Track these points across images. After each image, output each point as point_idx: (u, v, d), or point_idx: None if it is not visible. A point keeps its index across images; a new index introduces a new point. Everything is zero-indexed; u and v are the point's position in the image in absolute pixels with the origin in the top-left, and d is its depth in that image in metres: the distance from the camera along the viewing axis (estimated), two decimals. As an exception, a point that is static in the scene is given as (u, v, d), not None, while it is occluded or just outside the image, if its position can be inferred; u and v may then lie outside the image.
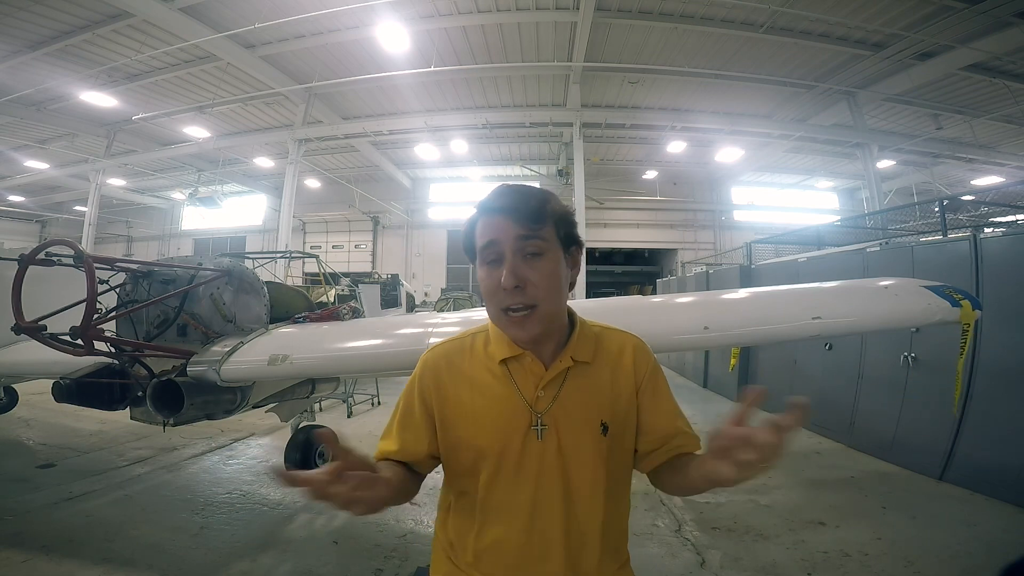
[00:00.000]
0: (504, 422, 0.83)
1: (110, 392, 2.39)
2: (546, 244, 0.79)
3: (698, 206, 16.84)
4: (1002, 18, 7.03)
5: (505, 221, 0.78)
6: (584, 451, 0.82)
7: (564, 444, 0.82)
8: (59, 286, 2.34)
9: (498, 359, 0.85)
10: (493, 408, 0.84)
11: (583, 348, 0.86)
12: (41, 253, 2.09)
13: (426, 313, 6.56)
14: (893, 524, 2.82)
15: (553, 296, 0.79)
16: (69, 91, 9.95)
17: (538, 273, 0.77)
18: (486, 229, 0.79)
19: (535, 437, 0.82)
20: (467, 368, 0.88)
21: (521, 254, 0.77)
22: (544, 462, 0.81)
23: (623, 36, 8.56)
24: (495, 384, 0.85)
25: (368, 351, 2.16)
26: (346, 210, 16.67)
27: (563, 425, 0.82)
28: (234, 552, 2.49)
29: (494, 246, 0.78)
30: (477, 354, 0.89)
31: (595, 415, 0.83)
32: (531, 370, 0.84)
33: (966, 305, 1.74)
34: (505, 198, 0.79)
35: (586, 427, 0.83)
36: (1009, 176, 12.30)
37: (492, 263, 0.79)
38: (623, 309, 2.26)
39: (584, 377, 0.85)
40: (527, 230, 0.77)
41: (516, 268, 0.76)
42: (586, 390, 0.84)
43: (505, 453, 0.82)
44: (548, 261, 0.79)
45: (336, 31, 8.61)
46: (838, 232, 7.22)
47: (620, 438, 0.86)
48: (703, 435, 0.78)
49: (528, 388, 0.83)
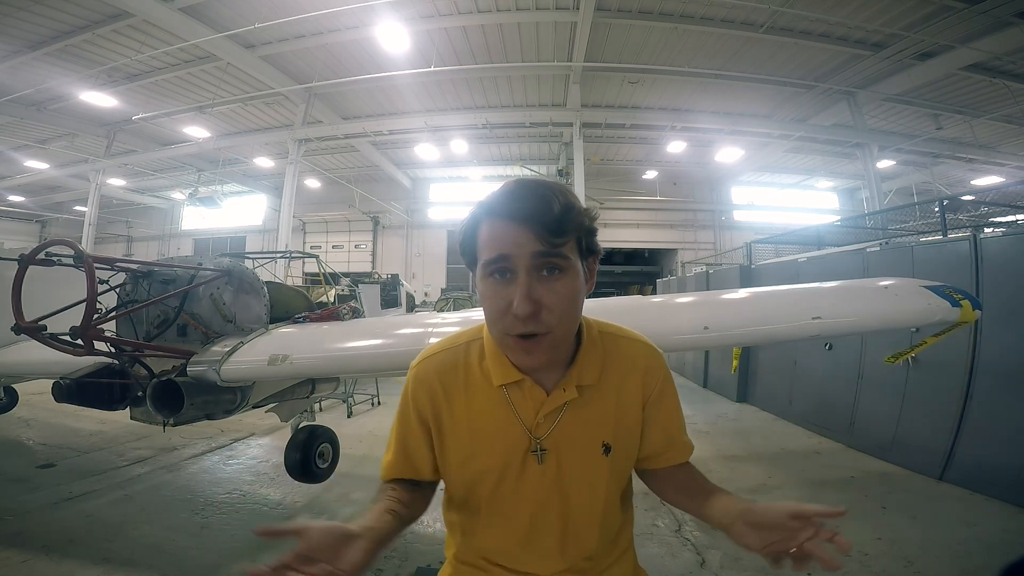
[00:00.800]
0: (502, 446, 0.78)
1: (110, 392, 2.39)
2: (567, 261, 0.66)
3: (698, 206, 16.84)
4: (1002, 18, 7.03)
5: (521, 233, 0.64)
6: (585, 473, 0.80)
7: (564, 468, 0.79)
8: (59, 286, 2.34)
9: (496, 384, 0.78)
10: (490, 431, 0.79)
11: (588, 370, 0.79)
12: (41, 253, 2.08)
13: (426, 313, 6.56)
14: (893, 524, 2.82)
15: (569, 321, 0.70)
16: (69, 91, 9.95)
17: (555, 296, 0.66)
18: (495, 238, 0.66)
19: (535, 462, 0.78)
20: (461, 387, 0.81)
21: (537, 272, 0.65)
22: (543, 485, 0.79)
23: (623, 36, 8.56)
24: (492, 407, 0.79)
25: (368, 351, 2.16)
26: (346, 210, 16.67)
27: (564, 449, 0.78)
28: (234, 552, 2.49)
29: (504, 261, 0.66)
30: (472, 372, 0.81)
31: (597, 437, 0.80)
32: (531, 395, 0.78)
33: (966, 305, 1.74)
34: (522, 202, 0.65)
35: (588, 450, 0.80)
36: (1009, 176, 12.30)
37: (498, 277, 0.67)
38: (623, 309, 2.26)
39: (587, 400, 0.79)
40: (548, 245, 0.64)
41: (532, 291, 0.65)
42: (589, 414, 0.79)
43: (504, 475, 0.79)
44: (568, 280, 0.67)
45: (336, 31, 8.61)
46: (838, 232, 7.22)
47: (622, 453, 0.83)
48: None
49: (527, 414, 0.78)
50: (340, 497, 3.20)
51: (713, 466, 3.88)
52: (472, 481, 0.81)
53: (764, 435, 4.74)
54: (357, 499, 3.18)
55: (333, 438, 3.01)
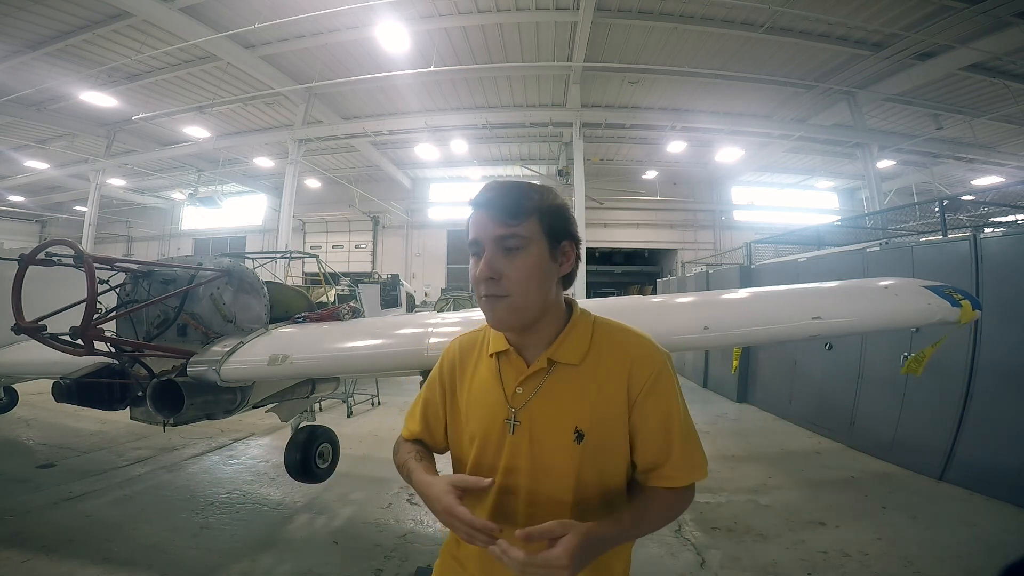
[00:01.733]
0: (487, 412, 0.87)
1: (110, 392, 2.38)
2: (525, 239, 0.80)
3: (698, 206, 16.83)
4: (1002, 18, 7.02)
5: (485, 217, 0.81)
6: (554, 456, 0.81)
7: (534, 443, 0.82)
8: (59, 286, 2.34)
9: (491, 352, 0.90)
10: (482, 398, 0.89)
11: (570, 349, 0.84)
12: (41, 253, 2.08)
13: (426, 313, 6.55)
14: (893, 524, 2.82)
15: (528, 289, 0.80)
16: (69, 91, 9.94)
17: (513, 268, 0.79)
18: (473, 225, 0.83)
19: (508, 431, 0.84)
20: (473, 359, 0.94)
21: (500, 248, 0.80)
22: (514, 457, 0.83)
23: (623, 36, 8.56)
24: (487, 375, 0.90)
25: (368, 351, 2.16)
26: (346, 210, 16.67)
27: (536, 424, 0.83)
28: (234, 552, 2.49)
29: (476, 243, 0.82)
30: (483, 348, 0.94)
31: (569, 420, 0.81)
32: (515, 365, 0.87)
33: (966, 305, 1.73)
34: (487, 194, 0.82)
35: (558, 430, 0.81)
36: (1009, 176, 12.30)
37: (476, 255, 0.82)
38: (623, 309, 2.25)
39: (566, 379, 0.83)
40: (504, 227, 0.79)
41: (492, 260, 0.79)
42: (565, 393, 0.83)
43: (486, 442, 0.86)
44: (526, 256, 0.80)
45: (336, 31, 8.60)
46: (838, 232, 7.22)
47: (599, 449, 0.80)
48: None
49: (509, 383, 0.86)
50: (340, 497, 3.20)
51: (713, 466, 3.84)
52: (462, 448, 0.91)
53: (764, 435, 4.74)
54: (357, 499, 3.18)
55: (333, 438, 3.01)
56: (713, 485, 3.47)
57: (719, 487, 3.44)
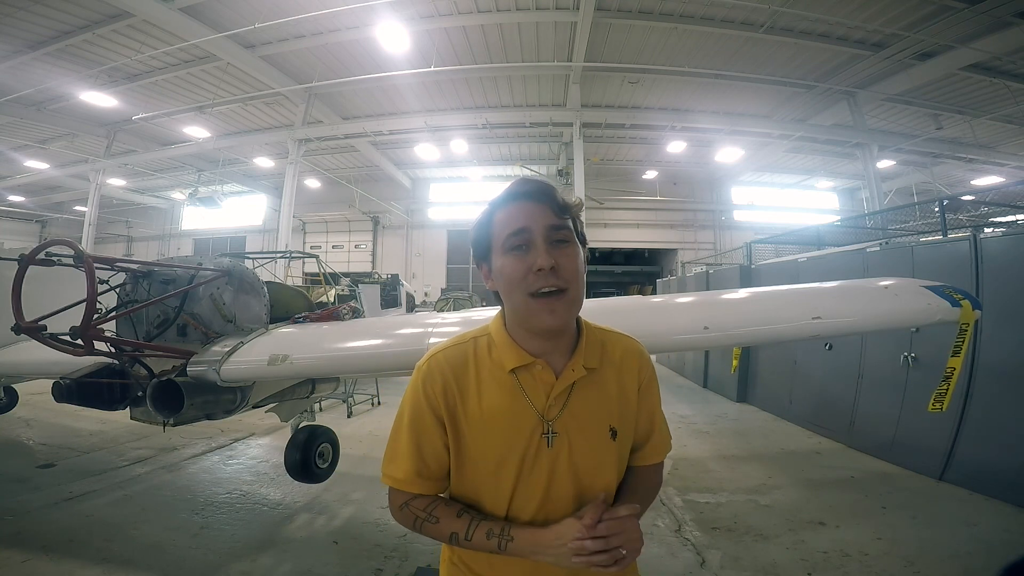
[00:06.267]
0: (514, 431, 0.80)
1: (110, 392, 2.38)
2: (572, 234, 0.80)
3: (698, 206, 16.84)
4: (1002, 18, 7.03)
5: (536, 207, 0.77)
6: (595, 456, 0.82)
7: (575, 451, 0.81)
8: (59, 286, 2.34)
9: (507, 368, 0.81)
10: (502, 418, 0.80)
11: (591, 354, 0.85)
12: (41, 253, 2.08)
13: (426, 313, 6.55)
14: (893, 524, 2.82)
15: (580, 284, 0.79)
16: (69, 91, 9.95)
17: (568, 259, 0.77)
18: (514, 216, 0.78)
19: (545, 445, 0.80)
20: (473, 377, 0.83)
21: (551, 241, 0.77)
22: (555, 469, 0.80)
23: (623, 36, 8.57)
24: (503, 394, 0.81)
25: (368, 351, 2.16)
26: (346, 210, 16.68)
27: (574, 432, 0.81)
28: (234, 552, 2.49)
29: (524, 233, 0.76)
30: (482, 364, 0.84)
31: (605, 421, 0.83)
32: (541, 379, 0.81)
33: (966, 305, 1.73)
34: (535, 186, 0.80)
35: (597, 433, 0.82)
36: (1009, 176, 12.31)
37: (519, 250, 0.77)
38: (623, 309, 2.25)
39: (593, 383, 0.84)
40: (558, 218, 0.77)
41: (550, 250, 0.76)
42: (595, 396, 0.83)
43: (517, 463, 0.80)
44: (575, 250, 0.79)
45: (336, 31, 8.61)
46: (838, 232, 7.22)
47: (626, 441, 0.86)
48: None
49: (538, 397, 0.81)
50: (340, 497, 3.20)
51: (713, 466, 3.88)
52: (484, 475, 0.81)
53: (764, 435, 4.74)
54: (357, 499, 3.18)
55: (333, 438, 3.01)
56: (713, 485, 3.47)
57: (719, 487, 3.44)
